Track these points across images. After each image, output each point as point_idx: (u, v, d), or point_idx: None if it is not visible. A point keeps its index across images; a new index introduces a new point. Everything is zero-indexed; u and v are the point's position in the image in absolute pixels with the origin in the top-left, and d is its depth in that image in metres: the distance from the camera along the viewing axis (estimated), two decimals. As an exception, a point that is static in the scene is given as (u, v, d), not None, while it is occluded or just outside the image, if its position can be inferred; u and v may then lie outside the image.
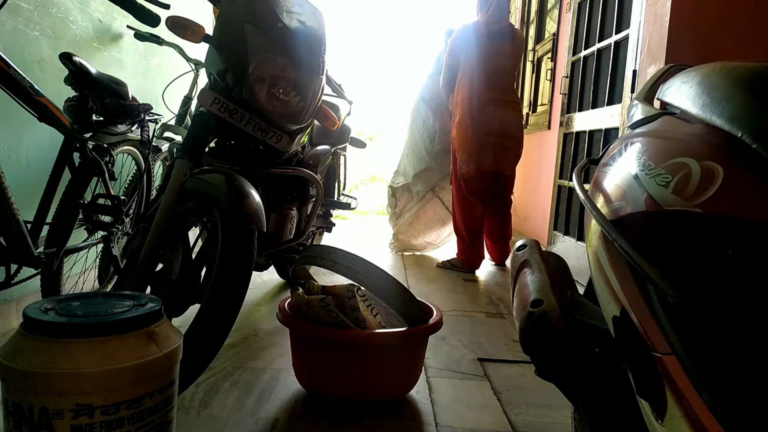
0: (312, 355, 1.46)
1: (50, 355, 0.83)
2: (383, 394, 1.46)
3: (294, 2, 1.64)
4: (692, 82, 0.69)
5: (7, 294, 1.85)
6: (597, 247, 0.70)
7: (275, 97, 1.58)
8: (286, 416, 1.37)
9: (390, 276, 1.47)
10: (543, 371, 0.78)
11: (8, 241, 1.52)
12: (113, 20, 2.48)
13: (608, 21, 2.90)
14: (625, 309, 0.60)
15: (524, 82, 4.92)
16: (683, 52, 2.13)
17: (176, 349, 0.95)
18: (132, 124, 1.94)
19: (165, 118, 2.60)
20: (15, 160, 1.88)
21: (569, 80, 3.44)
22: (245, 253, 1.32)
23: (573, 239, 3.10)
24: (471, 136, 3.08)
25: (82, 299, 0.97)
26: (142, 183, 2.15)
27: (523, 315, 0.77)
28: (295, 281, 1.62)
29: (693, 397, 0.48)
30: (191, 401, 1.41)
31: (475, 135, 3.07)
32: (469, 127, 3.08)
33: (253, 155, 1.71)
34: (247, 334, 1.95)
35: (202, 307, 1.29)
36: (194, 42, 1.56)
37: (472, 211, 3.24)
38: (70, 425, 0.83)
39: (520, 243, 0.97)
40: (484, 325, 2.21)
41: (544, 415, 1.43)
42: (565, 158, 3.41)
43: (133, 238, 1.61)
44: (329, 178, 2.83)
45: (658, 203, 0.59)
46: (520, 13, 5.05)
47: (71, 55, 1.69)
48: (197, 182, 1.48)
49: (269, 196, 1.99)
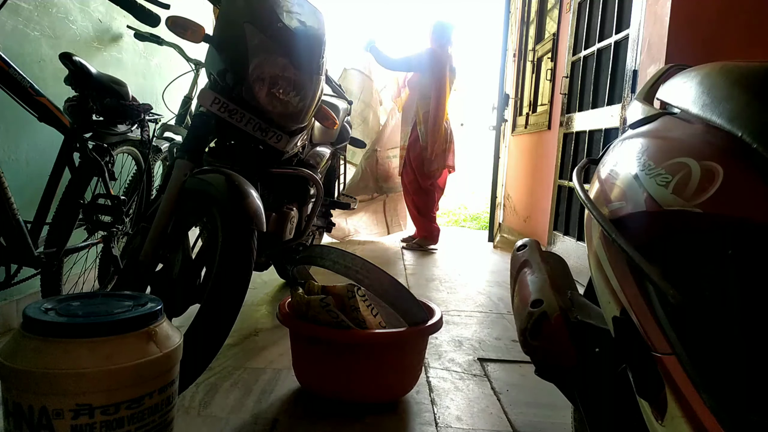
0: (312, 355, 1.46)
1: (50, 355, 0.83)
2: (383, 394, 1.46)
3: (294, 2, 1.64)
4: (692, 82, 0.69)
5: (7, 294, 1.85)
6: (597, 247, 0.70)
7: (275, 97, 1.58)
8: (286, 416, 1.37)
9: (390, 276, 1.47)
10: (543, 371, 0.78)
11: (8, 241, 1.52)
12: (113, 20, 2.48)
13: (608, 21, 2.90)
14: (625, 309, 0.60)
15: (524, 82, 4.92)
16: (683, 52, 2.13)
17: (176, 349, 0.95)
18: (132, 124, 1.94)
19: (165, 118, 2.60)
20: (15, 160, 1.88)
21: (569, 80, 3.44)
22: (245, 253, 1.32)
23: (573, 239, 3.10)
24: (440, 144, 4.01)
25: (82, 299, 0.97)
26: (142, 183, 2.15)
27: (523, 315, 0.77)
28: (295, 281, 1.62)
29: (693, 397, 0.48)
30: (191, 401, 1.41)
31: (440, 143, 4.00)
32: (439, 138, 3.99)
33: (253, 155, 1.71)
34: (247, 334, 1.95)
35: (202, 307, 1.29)
36: (194, 42, 1.56)
37: (432, 197, 4.12)
38: (70, 425, 0.83)
39: (520, 243, 0.97)
40: (484, 325, 2.21)
41: (544, 415, 1.43)
42: (565, 158, 3.41)
43: (133, 238, 1.61)
44: (329, 178, 2.83)
45: (658, 203, 0.59)
46: (520, 13, 5.04)
47: (71, 55, 1.69)
48: (197, 182, 1.48)
49: (269, 196, 1.99)
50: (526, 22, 4.95)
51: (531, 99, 4.70)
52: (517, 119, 4.90)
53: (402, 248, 4.06)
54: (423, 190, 4.05)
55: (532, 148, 4.36)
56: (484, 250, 4.22)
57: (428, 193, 4.07)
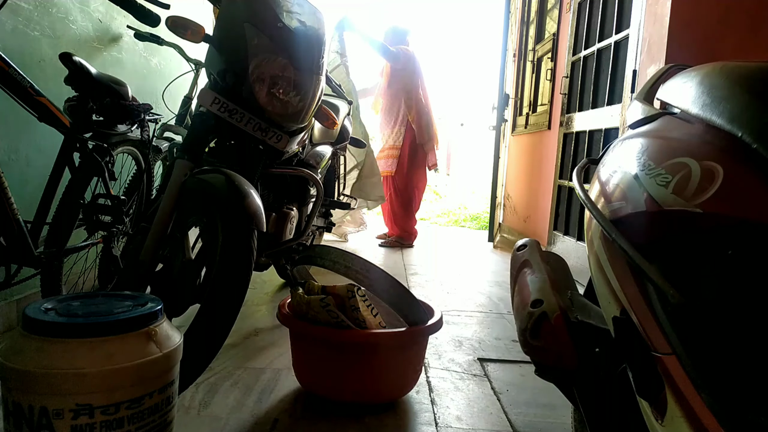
0: (312, 355, 1.46)
1: (50, 355, 0.83)
2: (383, 394, 1.46)
3: (294, 2, 1.64)
4: (692, 82, 0.69)
5: (7, 294, 1.85)
6: (597, 247, 0.70)
7: (275, 97, 1.58)
8: (286, 416, 1.37)
9: (390, 276, 1.47)
10: (543, 371, 0.78)
11: (8, 241, 1.52)
12: (113, 20, 2.48)
13: (608, 21, 2.90)
14: (625, 309, 0.60)
15: (524, 82, 4.92)
16: (683, 52, 2.13)
17: (176, 349, 0.95)
18: (132, 124, 1.94)
19: (165, 118, 2.60)
20: (15, 160, 1.88)
21: (569, 80, 3.44)
22: (245, 253, 1.32)
23: (573, 239, 3.10)
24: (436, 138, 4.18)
25: (82, 299, 0.97)
26: (142, 183, 2.15)
27: (523, 315, 0.77)
28: (295, 281, 1.62)
29: (693, 397, 0.48)
30: (191, 401, 1.41)
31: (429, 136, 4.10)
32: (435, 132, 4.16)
33: (253, 155, 1.71)
34: (247, 334, 1.95)
35: (202, 307, 1.29)
36: (194, 42, 1.56)
37: (421, 195, 4.27)
38: (70, 425, 0.83)
39: (520, 243, 0.97)
40: (484, 325, 2.21)
41: (544, 415, 1.43)
42: (565, 158, 3.41)
43: (133, 238, 1.61)
44: (329, 178, 2.83)
45: (658, 203, 0.59)
46: (520, 13, 5.04)
47: (71, 55, 1.69)
48: (197, 182, 1.48)
49: (269, 196, 1.99)
50: (526, 22, 4.94)
51: (531, 99, 4.70)
52: (517, 119, 4.90)
53: (380, 245, 4.14)
54: (416, 188, 4.16)
55: (532, 148, 4.36)
56: (484, 250, 4.22)
57: (420, 191, 4.21)
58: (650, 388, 0.54)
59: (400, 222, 4.19)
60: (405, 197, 4.15)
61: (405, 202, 4.15)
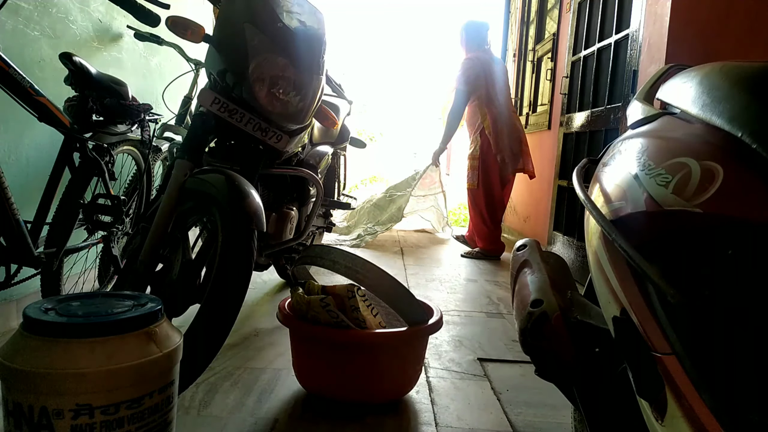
0: (312, 355, 1.46)
1: (50, 355, 0.83)
2: (383, 394, 1.46)
3: (294, 2, 1.64)
4: (692, 82, 0.69)
5: (7, 294, 1.85)
6: (597, 247, 0.70)
7: (275, 97, 1.58)
8: (286, 416, 1.37)
9: (390, 276, 1.47)
10: (543, 371, 0.78)
11: (8, 241, 1.52)
12: (113, 20, 2.48)
13: (608, 21, 2.90)
14: (625, 309, 0.60)
15: (524, 82, 4.92)
16: (683, 52, 2.13)
17: (176, 349, 0.95)
18: (132, 124, 1.94)
19: (165, 118, 2.60)
20: (15, 160, 1.88)
21: (569, 80, 3.44)
22: (245, 253, 1.32)
23: (573, 239, 3.10)
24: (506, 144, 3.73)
25: (82, 299, 0.97)
26: (142, 183, 2.15)
27: (523, 315, 0.77)
28: (295, 281, 1.62)
29: (693, 397, 0.48)
30: (191, 401, 1.41)
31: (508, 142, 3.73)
32: (506, 135, 3.72)
33: (253, 155, 1.71)
34: (247, 334, 1.95)
35: (202, 307, 1.29)
36: (194, 42, 1.56)
37: (503, 205, 3.92)
38: (70, 425, 0.83)
39: (520, 243, 0.97)
40: (484, 325, 2.21)
41: (544, 415, 1.43)
42: (565, 158, 3.41)
43: (133, 238, 1.61)
44: (329, 178, 2.83)
45: (658, 203, 0.59)
46: (520, 13, 5.05)
47: (71, 55, 1.69)
48: (197, 182, 1.48)
49: (269, 196, 1.99)
50: (526, 22, 4.95)
51: (531, 99, 4.70)
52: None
53: (462, 255, 3.87)
54: (496, 198, 3.82)
55: (532, 148, 4.36)
56: (484, 250, 4.21)
57: (501, 201, 3.86)
58: (650, 388, 0.54)
59: (481, 234, 3.90)
60: (486, 208, 3.85)
61: (484, 214, 3.86)
